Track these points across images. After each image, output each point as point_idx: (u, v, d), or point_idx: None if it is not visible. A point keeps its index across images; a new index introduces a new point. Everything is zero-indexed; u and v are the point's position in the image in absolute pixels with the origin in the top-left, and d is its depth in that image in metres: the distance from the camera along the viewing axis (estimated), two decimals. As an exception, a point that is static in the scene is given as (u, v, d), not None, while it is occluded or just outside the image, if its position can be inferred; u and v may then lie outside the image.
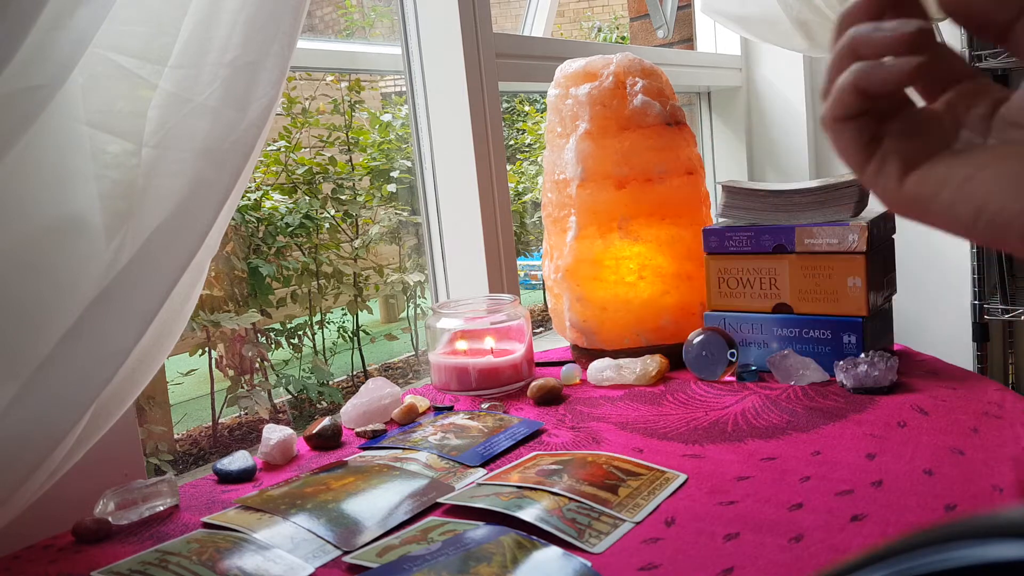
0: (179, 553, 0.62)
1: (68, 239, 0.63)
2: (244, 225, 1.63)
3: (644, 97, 1.07)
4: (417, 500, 0.70)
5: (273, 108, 0.69)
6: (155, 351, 0.71)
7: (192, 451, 1.68)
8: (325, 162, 1.83)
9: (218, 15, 0.67)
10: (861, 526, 0.60)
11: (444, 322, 1.07)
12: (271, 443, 0.83)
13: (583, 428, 0.87)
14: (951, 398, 0.85)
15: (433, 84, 1.27)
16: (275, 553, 0.62)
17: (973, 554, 0.17)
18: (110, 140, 0.66)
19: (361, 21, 2.34)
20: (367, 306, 1.94)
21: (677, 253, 1.08)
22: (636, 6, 2.11)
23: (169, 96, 0.66)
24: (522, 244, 2.50)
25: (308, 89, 1.86)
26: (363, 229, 1.90)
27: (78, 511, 0.70)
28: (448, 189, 1.30)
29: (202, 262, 0.73)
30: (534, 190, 2.53)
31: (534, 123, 2.92)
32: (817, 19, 1.66)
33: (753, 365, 1.00)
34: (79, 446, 0.66)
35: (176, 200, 0.64)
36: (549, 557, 0.58)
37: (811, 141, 2.06)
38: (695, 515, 0.64)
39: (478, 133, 1.25)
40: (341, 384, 1.92)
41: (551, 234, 1.14)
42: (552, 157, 1.12)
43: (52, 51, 0.57)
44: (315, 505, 0.69)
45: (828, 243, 0.95)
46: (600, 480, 0.71)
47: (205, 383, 1.65)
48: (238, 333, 1.63)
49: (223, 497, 0.75)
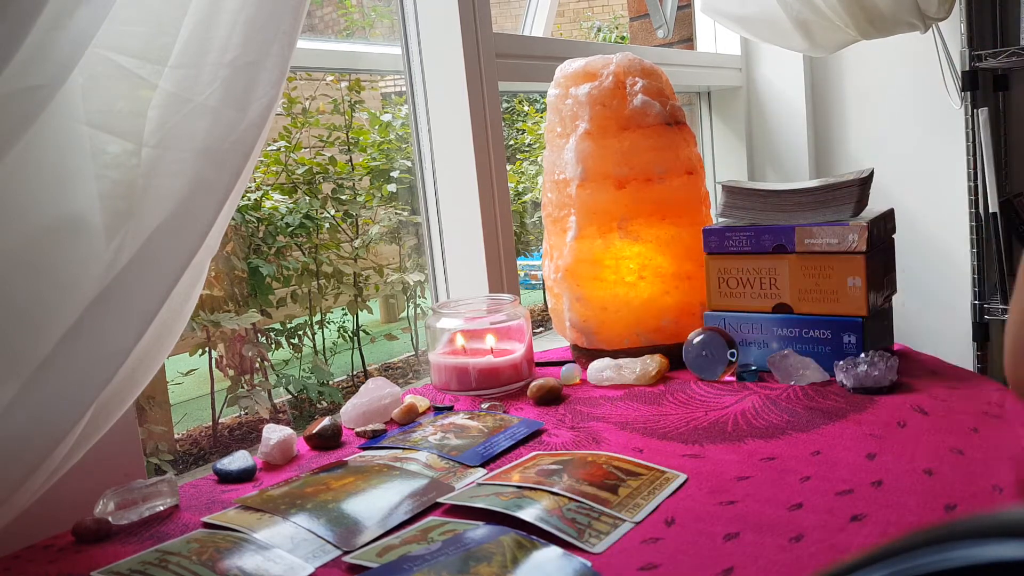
0: (179, 553, 0.62)
1: (68, 239, 0.63)
2: (244, 225, 1.63)
3: (644, 97, 1.07)
4: (417, 500, 0.70)
5: (273, 108, 0.69)
6: (155, 351, 0.71)
7: (192, 451, 1.68)
8: (325, 162, 1.83)
9: (218, 15, 0.67)
10: (861, 526, 0.60)
11: (444, 322, 1.07)
12: (271, 443, 0.83)
13: (583, 428, 0.87)
14: (951, 398, 0.85)
15: (433, 84, 1.27)
16: (275, 553, 0.62)
17: (973, 554, 0.17)
18: (110, 140, 0.66)
19: (361, 21, 2.34)
20: (367, 306, 1.94)
21: (677, 253, 1.08)
22: (636, 6, 2.11)
23: (169, 96, 0.66)
24: (522, 244, 2.50)
25: (308, 89, 1.86)
26: (363, 229, 1.90)
27: (78, 511, 0.70)
28: (448, 189, 1.30)
29: (202, 262, 0.73)
30: (534, 190, 2.53)
31: (534, 123, 2.91)
32: (817, 19, 1.66)
33: (753, 365, 1.00)
34: (79, 446, 0.66)
35: (176, 200, 0.64)
36: (549, 557, 0.58)
37: (811, 141, 2.06)
38: (695, 515, 0.64)
39: (478, 133, 1.25)
40: (341, 384, 1.92)
41: (551, 234, 1.14)
42: (552, 157, 1.12)
43: (52, 51, 0.57)
44: (315, 505, 0.69)
45: (828, 243, 0.95)
46: (600, 480, 0.71)
47: (205, 383, 1.65)
48: (238, 333, 1.63)
49: (223, 497, 0.75)
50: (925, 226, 1.90)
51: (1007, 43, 1.77)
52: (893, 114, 1.97)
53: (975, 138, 1.70)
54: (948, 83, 1.77)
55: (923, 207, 1.90)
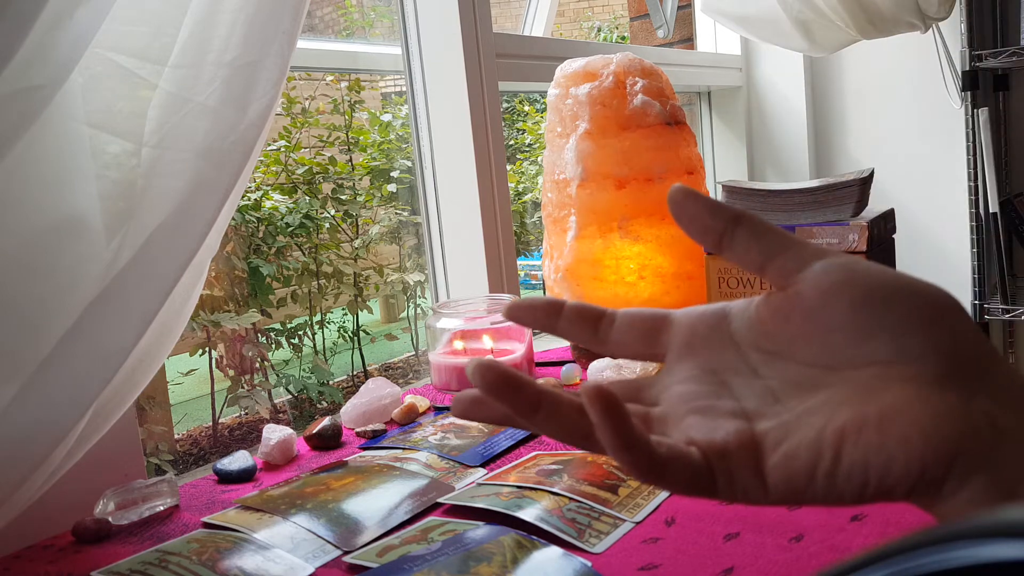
0: (179, 553, 0.62)
1: (68, 239, 0.63)
2: (244, 225, 1.63)
3: (644, 97, 1.07)
4: (417, 500, 0.70)
5: (273, 108, 0.69)
6: (155, 351, 0.71)
7: (192, 451, 1.68)
8: (325, 162, 1.83)
9: (218, 15, 0.67)
10: (861, 526, 0.60)
11: (444, 322, 1.07)
12: (271, 443, 0.83)
13: (583, 428, 0.87)
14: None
15: (433, 84, 1.27)
16: (275, 553, 0.62)
17: (973, 554, 0.17)
18: (110, 140, 0.66)
19: (361, 21, 2.34)
20: (367, 306, 1.94)
21: (677, 253, 1.08)
22: (636, 6, 2.11)
23: (169, 96, 0.66)
24: (522, 244, 2.50)
25: (308, 89, 1.86)
26: (363, 229, 1.90)
27: (78, 511, 0.70)
28: (448, 189, 1.30)
29: (202, 262, 0.73)
30: (534, 190, 2.53)
31: (534, 123, 2.91)
32: (817, 19, 1.66)
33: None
34: (79, 446, 0.66)
35: (176, 200, 0.64)
36: (549, 557, 0.58)
37: (811, 141, 2.06)
38: (695, 515, 0.64)
39: (478, 133, 1.25)
40: (341, 384, 1.92)
41: (551, 234, 1.14)
42: (552, 157, 1.12)
43: (52, 51, 0.57)
44: (315, 505, 0.69)
45: (828, 243, 0.95)
46: (600, 480, 0.71)
47: (205, 383, 1.65)
48: (238, 333, 1.63)
49: (223, 497, 0.75)
50: (925, 226, 1.90)
51: (1007, 43, 1.77)
52: (893, 114, 1.97)
53: (975, 138, 1.70)
54: (948, 83, 1.77)
55: (923, 207, 1.90)
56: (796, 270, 0.31)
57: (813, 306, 0.31)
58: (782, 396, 0.31)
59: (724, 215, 0.32)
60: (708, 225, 0.32)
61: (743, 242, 0.32)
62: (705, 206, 0.32)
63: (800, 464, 0.28)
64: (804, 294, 0.31)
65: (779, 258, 0.32)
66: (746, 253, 0.32)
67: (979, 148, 1.69)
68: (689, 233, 0.33)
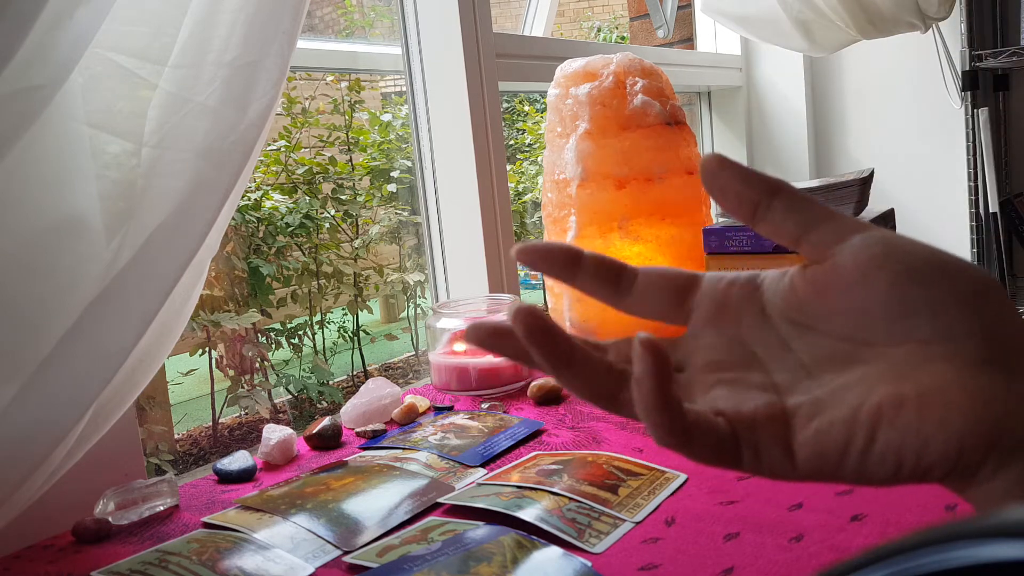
0: (179, 553, 0.62)
1: (68, 239, 0.63)
2: (244, 225, 1.63)
3: (644, 97, 1.07)
4: (417, 500, 0.70)
5: (273, 108, 0.69)
6: (155, 351, 0.71)
7: (192, 451, 1.68)
8: (325, 162, 1.83)
9: (218, 15, 0.67)
10: (861, 526, 0.60)
11: (444, 322, 1.07)
12: (271, 443, 0.83)
13: (583, 428, 0.87)
14: (951, 398, 0.85)
15: (433, 84, 1.27)
16: (275, 553, 0.62)
17: (973, 554, 0.17)
18: (110, 140, 0.66)
19: (361, 21, 2.34)
20: (367, 306, 1.94)
21: (677, 253, 1.08)
22: (636, 6, 2.11)
23: (169, 96, 0.66)
24: (522, 244, 2.49)
25: (308, 89, 1.86)
26: (363, 229, 1.90)
27: (78, 511, 0.70)
28: (448, 189, 1.30)
29: (202, 262, 0.73)
30: (534, 190, 2.53)
31: (534, 123, 2.91)
32: (817, 19, 1.66)
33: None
34: (79, 446, 0.66)
35: (176, 200, 0.64)
36: (549, 557, 0.58)
37: (811, 141, 2.06)
38: (695, 515, 0.64)
39: (478, 133, 1.25)
40: (341, 384, 1.92)
41: (551, 234, 1.14)
42: (552, 157, 1.12)
43: (52, 51, 0.57)
44: (315, 505, 0.69)
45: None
46: (600, 480, 0.71)
47: (205, 383, 1.65)
48: (238, 333, 1.63)
49: (223, 497, 0.75)
50: (925, 226, 1.90)
51: (1007, 43, 1.77)
52: (893, 114, 1.97)
53: (975, 138, 1.70)
54: (948, 83, 1.77)
55: (923, 207, 1.90)
56: (834, 243, 0.30)
57: (851, 280, 0.30)
58: (814, 371, 0.30)
59: (761, 185, 0.31)
60: (743, 196, 0.31)
61: (779, 214, 0.31)
62: (740, 175, 0.31)
63: (832, 441, 0.28)
64: (842, 267, 0.30)
65: (817, 231, 0.31)
66: (782, 225, 0.31)
67: (979, 148, 1.69)
68: (720, 203, 0.32)
